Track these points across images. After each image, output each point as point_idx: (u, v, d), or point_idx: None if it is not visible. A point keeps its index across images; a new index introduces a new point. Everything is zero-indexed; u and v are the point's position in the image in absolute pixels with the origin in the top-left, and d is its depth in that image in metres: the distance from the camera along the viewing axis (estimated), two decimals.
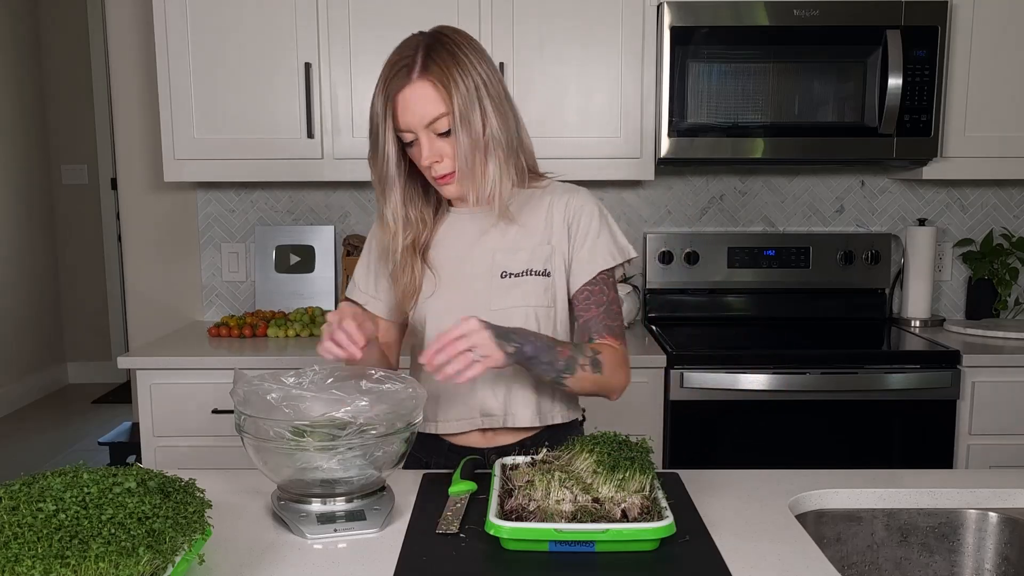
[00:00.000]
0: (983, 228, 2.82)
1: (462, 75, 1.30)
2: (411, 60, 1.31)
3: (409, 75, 1.30)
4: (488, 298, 1.41)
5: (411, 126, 1.32)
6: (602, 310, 1.43)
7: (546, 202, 1.45)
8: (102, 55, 5.11)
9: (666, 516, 1.10)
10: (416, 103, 1.30)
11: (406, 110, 1.31)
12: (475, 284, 1.43)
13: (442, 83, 1.29)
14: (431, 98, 1.30)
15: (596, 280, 1.44)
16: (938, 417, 2.30)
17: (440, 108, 1.30)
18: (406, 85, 1.30)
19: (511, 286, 1.41)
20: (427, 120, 1.31)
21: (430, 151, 1.33)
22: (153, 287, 2.86)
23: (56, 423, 4.75)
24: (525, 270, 1.42)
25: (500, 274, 1.41)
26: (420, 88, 1.30)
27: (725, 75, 2.40)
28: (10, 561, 0.86)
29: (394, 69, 1.31)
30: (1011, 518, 1.32)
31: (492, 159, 1.35)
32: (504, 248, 1.42)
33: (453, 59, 1.31)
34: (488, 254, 1.43)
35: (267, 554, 1.12)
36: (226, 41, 2.44)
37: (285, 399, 1.18)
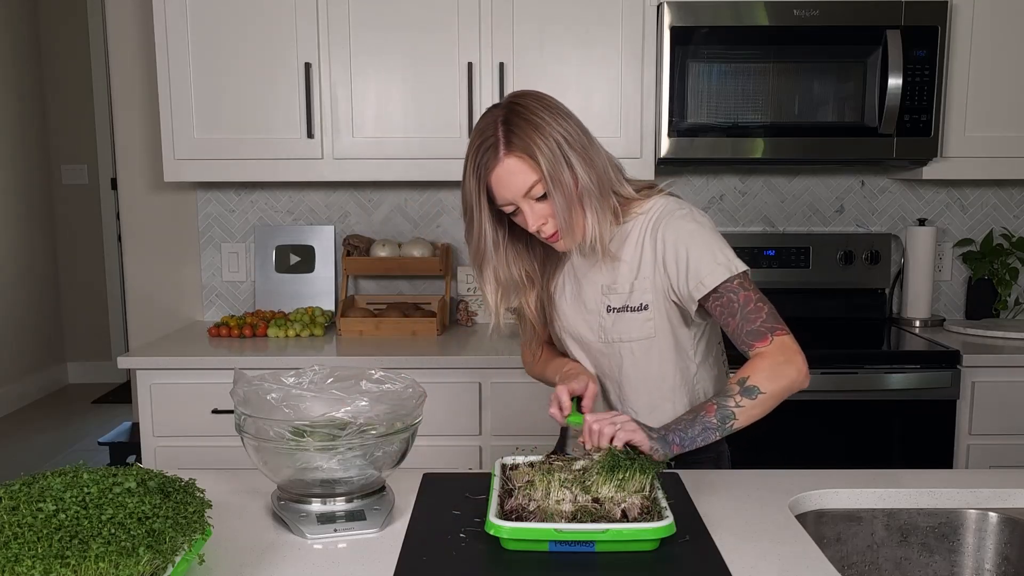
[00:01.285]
0: (983, 228, 2.82)
1: (543, 139, 1.35)
2: (494, 138, 1.36)
3: (496, 154, 1.35)
4: (601, 332, 1.51)
5: (509, 199, 1.38)
6: (739, 318, 1.42)
7: (635, 236, 1.48)
8: (102, 55, 5.11)
9: (666, 516, 1.10)
10: (509, 179, 1.36)
11: (501, 186, 1.37)
12: (590, 319, 1.52)
13: (528, 153, 1.34)
14: (521, 170, 1.35)
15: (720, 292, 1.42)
16: (938, 417, 2.30)
17: (532, 177, 1.35)
18: (496, 165, 1.36)
19: (615, 320, 1.49)
20: (523, 191, 1.36)
21: (534, 216, 1.38)
22: (153, 287, 2.86)
23: (56, 423, 4.75)
24: (623, 306, 1.48)
25: (607, 308, 1.49)
26: (509, 164, 1.35)
27: (725, 75, 2.40)
28: (10, 561, 0.86)
29: (480, 150, 1.37)
30: (1011, 518, 1.32)
31: (588, 208, 1.39)
32: (606, 284, 1.50)
33: (531, 126, 1.35)
34: (595, 289, 1.50)
35: (267, 554, 1.12)
36: (226, 41, 2.44)
37: (285, 399, 1.18)
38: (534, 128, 1.35)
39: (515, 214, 1.41)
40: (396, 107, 2.46)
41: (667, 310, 1.48)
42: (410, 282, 2.84)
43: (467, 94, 2.44)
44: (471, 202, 1.40)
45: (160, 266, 2.85)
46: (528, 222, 1.39)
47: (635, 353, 1.49)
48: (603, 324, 1.50)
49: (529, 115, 1.36)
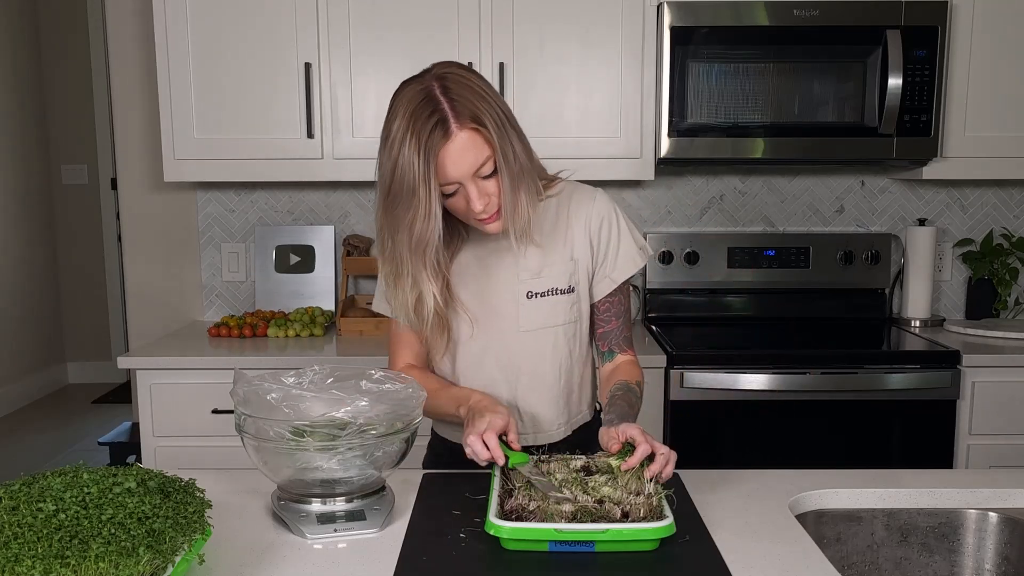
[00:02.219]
0: (983, 228, 2.82)
1: (488, 109, 1.26)
2: (439, 112, 1.24)
3: (447, 129, 1.23)
4: (516, 321, 1.42)
5: (459, 178, 1.27)
6: (621, 321, 1.47)
7: (564, 214, 1.43)
8: (102, 55, 5.11)
9: (666, 516, 1.10)
10: (463, 155, 1.25)
11: (455, 165, 1.25)
12: (504, 309, 1.42)
13: (480, 124, 1.25)
14: (476, 145, 1.25)
15: (617, 290, 1.46)
16: (938, 417, 2.30)
17: (486, 152, 1.26)
18: (447, 140, 1.24)
19: (537, 306, 1.42)
20: (476, 167, 1.26)
21: (480, 196, 1.28)
22: (153, 287, 2.86)
23: (56, 423, 4.75)
24: (550, 289, 1.42)
25: (526, 294, 1.41)
26: (463, 139, 1.24)
27: (725, 75, 2.40)
28: (10, 561, 0.86)
29: (426, 126, 1.23)
30: (1011, 518, 1.32)
31: (523, 187, 1.31)
32: (527, 268, 1.42)
33: (474, 95, 1.26)
34: (511, 275, 1.42)
35: (267, 554, 1.12)
36: (226, 41, 2.44)
37: (285, 399, 1.18)
38: (477, 97, 1.25)
39: (452, 195, 1.30)
40: None
41: (586, 293, 1.46)
42: None
43: None
44: (414, 184, 1.24)
45: (160, 266, 2.85)
46: (474, 201, 1.27)
47: (556, 341, 1.42)
48: (521, 312, 1.41)
49: (467, 82, 1.27)
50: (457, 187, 1.28)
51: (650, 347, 2.38)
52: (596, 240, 1.44)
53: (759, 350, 2.39)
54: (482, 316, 1.43)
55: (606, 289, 1.46)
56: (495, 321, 1.43)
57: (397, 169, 1.25)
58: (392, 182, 1.27)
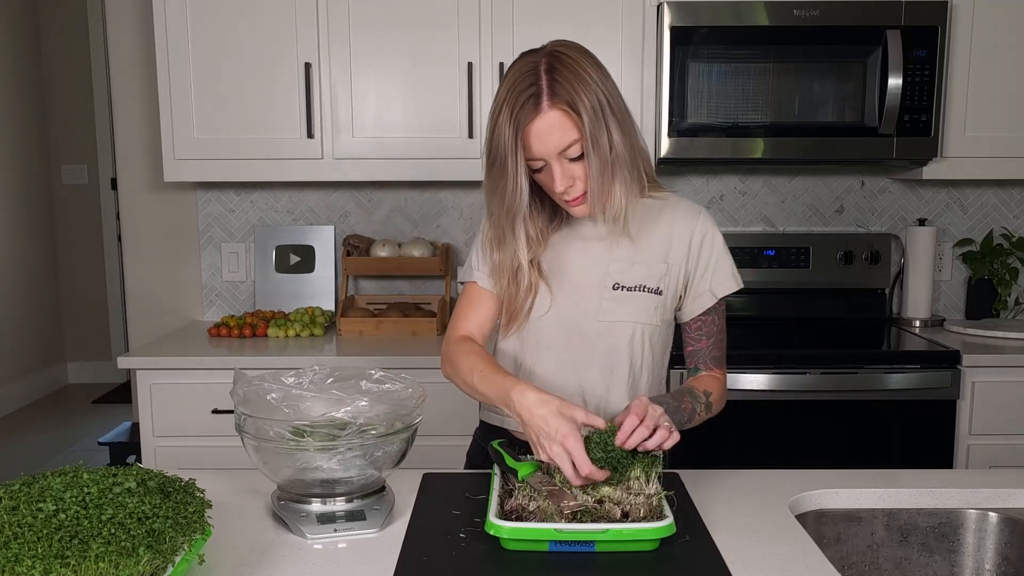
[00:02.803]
0: (983, 228, 2.82)
1: (588, 95, 1.26)
2: (536, 87, 1.26)
3: (538, 105, 1.25)
4: (598, 309, 1.41)
5: (544, 155, 1.29)
6: (712, 341, 1.46)
7: (667, 218, 1.43)
8: (102, 55, 5.11)
9: (666, 516, 1.10)
10: (549, 134, 1.26)
11: (540, 141, 1.27)
12: (588, 294, 1.41)
13: (573, 109, 1.25)
14: (564, 126, 1.26)
15: (711, 309, 1.45)
16: (938, 417, 2.30)
17: (573, 135, 1.27)
18: (536, 116, 1.26)
19: (622, 299, 1.40)
20: (560, 148, 1.28)
21: (564, 176, 1.29)
22: (153, 287, 2.86)
23: (56, 423, 4.75)
24: (638, 285, 1.41)
25: (612, 285, 1.40)
26: (552, 118, 1.26)
27: (725, 75, 2.40)
28: (10, 561, 0.86)
29: (519, 97, 1.26)
30: (1011, 518, 1.32)
31: (618, 177, 1.31)
32: (619, 259, 1.41)
33: (577, 78, 1.27)
34: (602, 264, 1.41)
35: (267, 554, 1.12)
36: (226, 41, 2.44)
37: (285, 399, 1.18)
38: (580, 81, 1.26)
39: (539, 171, 1.32)
40: (396, 107, 2.46)
41: (673, 302, 1.45)
42: (410, 282, 2.84)
43: (467, 94, 2.44)
44: (504, 152, 1.28)
45: (160, 266, 2.85)
46: (556, 181, 1.30)
47: (633, 339, 1.41)
48: (604, 303, 1.40)
49: (575, 66, 1.27)
50: (544, 163, 1.30)
51: None
52: (697, 252, 1.43)
53: (759, 350, 2.39)
54: (563, 296, 1.42)
55: (705, 304, 1.44)
56: (576, 304, 1.41)
57: (494, 136, 1.30)
58: (490, 148, 1.31)
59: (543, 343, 1.44)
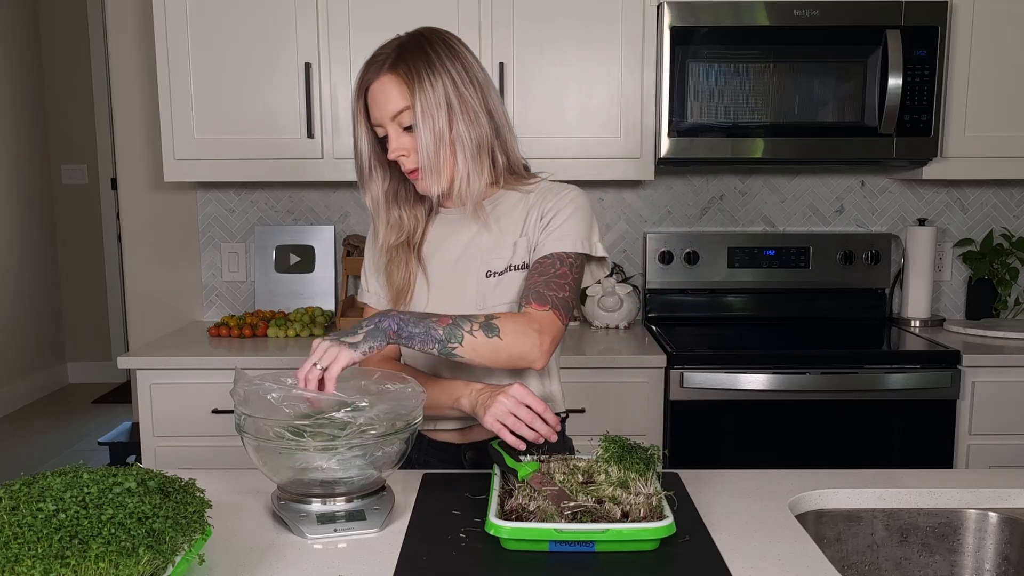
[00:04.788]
0: (983, 228, 2.82)
1: (429, 73, 1.34)
2: (385, 56, 1.36)
3: (380, 70, 1.35)
4: (475, 298, 1.43)
5: (378, 119, 1.36)
6: (544, 279, 1.37)
7: (529, 200, 1.45)
8: (102, 55, 5.11)
9: (666, 516, 1.10)
10: (381, 95, 1.35)
11: (374, 103, 1.36)
12: (466, 285, 1.44)
13: (406, 77, 1.34)
14: (395, 91, 1.34)
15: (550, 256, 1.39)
16: (938, 417, 2.30)
17: (402, 102, 1.34)
18: (375, 79, 1.35)
19: (496, 284, 1.43)
20: (391, 113, 1.35)
21: (396, 144, 1.36)
22: (153, 287, 2.86)
23: (56, 423, 4.75)
24: (508, 267, 1.43)
25: (486, 274, 1.43)
26: (386, 82, 1.35)
27: (725, 75, 2.40)
28: (10, 561, 0.86)
29: (370, 65, 1.37)
30: (1011, 518, 1.32)
31: (460, 158, 1.37)
32: (489, 246, 1.44)
33: (423, 56, 1.35)
34: (476, 254, 1.44)
35: (267, 554, 1.12)
36: (226, 41, 2.44)
37: (285, 399, 1.18)
38: (425, 59, 1.35)
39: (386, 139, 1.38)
40: None
41: None
42: None
43: None
44: (353, 116, 1.40)
45: (160, 266, 2.85)
46: (390, 147, 1.37)
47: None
48: (482, 291, 1.43)
49: (427, 46, 1.36)
50: (385, 131, 1.37)
51: (650, 347, 2.38)
52: (550, 216, 1.41)
53: (759, 350, 2.39)
54: (440, 287, 1.45)
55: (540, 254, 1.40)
56: (455, 298, 1.43)
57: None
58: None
59: None
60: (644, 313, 2.79)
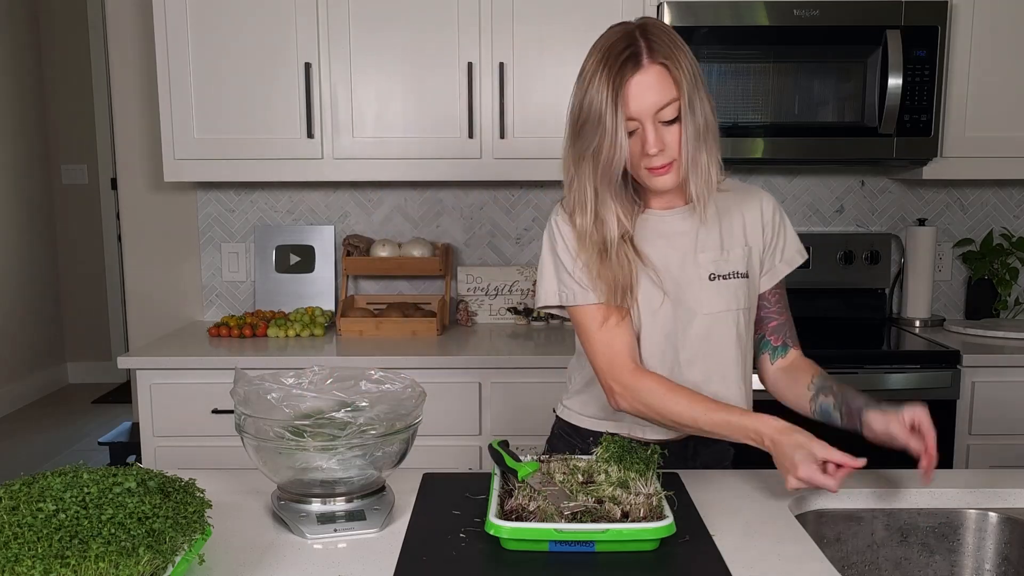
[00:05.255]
0: (983, 228, 2.82)
1: (684, 59, 1.28)
2: (635, 47, 1.27)
3: (638, 62, 1.26)
4: (701, 303, 1.39)
5: (640, 113, 1.27)
6: (788, 314, 1.50)
7: (734, 201, 1.44)
8: (102, 55, 5.11)
9: (666, 516, 1.10)
10: (649, 89, 1.26)
11: (639, 96, 1.26)
12: (689, 288, 1.39)
13: (673, 66, 1.27)
14: (664, 83, 1.27)
15: (782, 282, 1.49)
16: (938, 417, 2.26)
17: (672, 93, 1.27)
18: (637, 71, 1.26)
19: (720, 289, 1.40)
20: (659, 105, 1.27)
21: (656, 139, 1.28)
22: (153, 287, 2.86)
23: (56, 423, 4.74)
24: (731, 272, 1.41)
25: (708, 276, 1.40)
26: (652, 73, 1.26)
27: (725, 75, 2.40)
28: (10, 561, 0.86)
29: (619, 58, 1.27)
30: (1011, 518, 1.32)
31: (710, 149, 1.32)
32: (708, 249, 1.40)
33: (673, 43, 1.29)
34: (691, 256, 1.40)
35: (267, 554, 1.12)
36: (226, 41, 2.44)
37: (285, 399, 1.18)
38: (676, 46, 1.28)
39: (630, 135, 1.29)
40: (396, 107, 2.46)
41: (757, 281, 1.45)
42: (410, 282, 2.84)
43: (467, 94, 2.44)
44: (601, 111, 1.26)
45: (160, 266, 2.85)
46: (649, 143, 1.27)
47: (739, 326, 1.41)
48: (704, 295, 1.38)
49: (670, 33, 1.30)
50: (636, 126, 1.29)
51: None
52: (770, 228, 1.45)
53: None
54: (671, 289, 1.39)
55: (780, 275, 1.47)
56: (678, 301, 1.39)
57: (586, 99, 1.29)
58: (580, 113, 1.30)
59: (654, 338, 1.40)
60: None
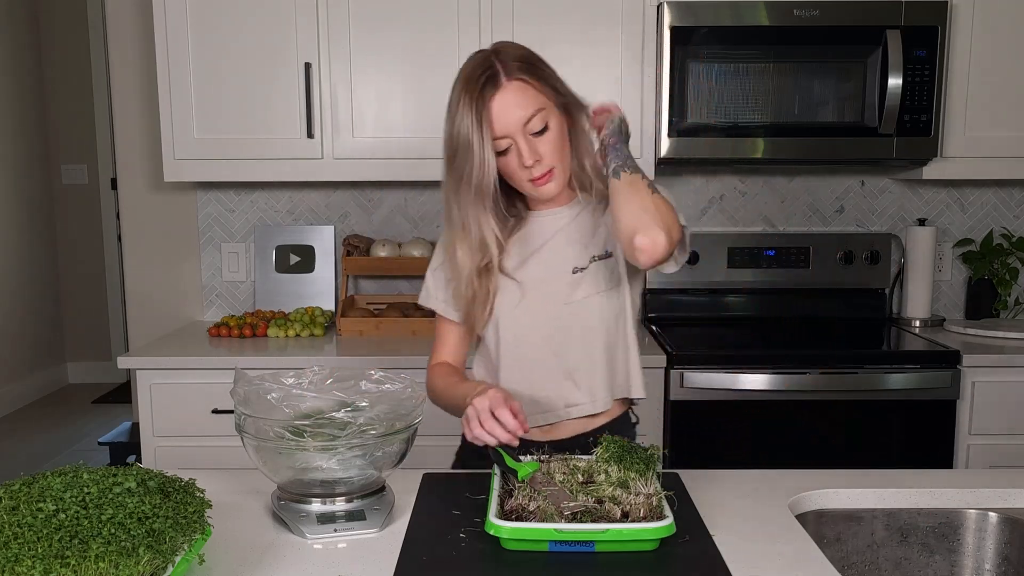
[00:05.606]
0: (983, 228, 2.82)
1: (542, 69, 1.35)
2: (492, 69, 1.32)
3: (496, 81, 1.31)
4: (562, 296, 1.44)
5: (508, 130, 1.32)
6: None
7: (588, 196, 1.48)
8: (102, 55, 5.11)
9: (666, 516, 1.10)
10: (511, 104, 1.31)
11: (504, 115, 1.31)
12: (551, 286, 1.45)
13: (531, 78, 1.32)
14: (526, 96, 1.32)
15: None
16: (938, 417, 2.30)
17: (535, 104, 1.32)
18: (497, 91, 1.31)
19: (580, 279, 1.44)
20: (525, 119, 1.32)
21: (530, 152, 1.33)
22: (153, 287, 2.86)
23: (56, 423, 4.75)
24: (591, 257, 1.44)
25: (572, 270, 1.44)
26: (512, 89, 1.32)
27: (725, 75, 2.40)
28: (10, 561, 0.86)
29: (478, 82, 1.31)
30: (1011, 518, 1.32)
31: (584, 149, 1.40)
32: (571, 243, 1.45)
33: (527, 58, 1.35)
34: (558, 253, 1.45)
35: (267, 554, 1.12)
36: (226, 41, 2.44)
37: (285, 399, 1.18)
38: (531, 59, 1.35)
39: (503, 154, 1.34)
40: (396, 107, 2.46)
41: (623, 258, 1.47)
42: (410, 282, 2.84)
43: None
44: (468, 137, 1.31)
45: (160, 266, 2.85)
46: (524, 155, 1.33)
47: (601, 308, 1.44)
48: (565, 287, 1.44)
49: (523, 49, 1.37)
50: (509, 143, 1.33)
51: (650, 347, 2.38)
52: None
53: (759, 350, 2.39)
54: (532, 287, 1.45)
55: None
56: (541, 295, 1.44)
57: (454, 130, 1.33)
58: (451, 144, 1.34)
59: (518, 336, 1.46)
60: (644, 313, 2.79)
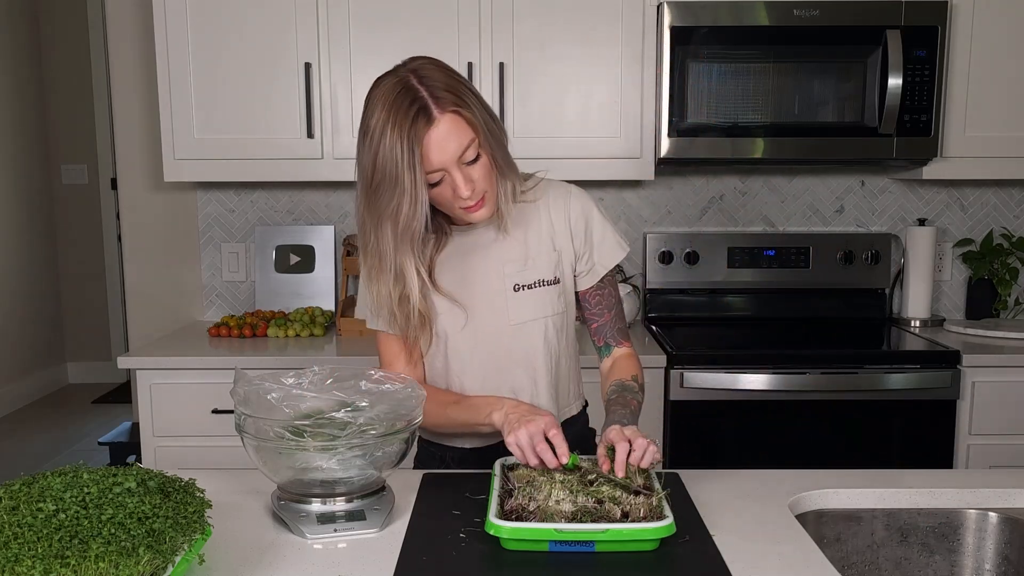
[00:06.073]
0: (983, 228, 2.82)
1: (468, 95, 1.28)
2: (420, 100, 1.24)
3: (430, 116, 1.24)
4: (507, 314, 1.43)
5: (444, 164, 1.27)
6: (613, 314, 1.49)
7: (542, 206, 1.45)
8: (102, 55, 5.11)
9: (666, 516, 1.10)
10: (447, 139, 1.25)
11: (440, 150, 1.26)
12: (493, 302, 1.43)
13: (463, 108, 1.26)
14: (460, 128, 1.26)
15: (604, 282, 1.48)
16: (938, 417, 2.30)
17: (468, 135, 1.27)
18: (431, 127, 1.24)
19: (525, 298, 1.42)
20: (460, 152, 1.27)
21: (465, 182, 1.28)
22: (153, 287, 2.86)
23: (56, 423, 4.75)
24: (536, 280, 1.43)
25: (513, 287, 1.42)
26: (446, 123, 1.25)
27: (725, 75, 2.40)
28: (10, 561, 0.86)
29: (408, 115, 1.23)
30: (1011, 518, 1.32)
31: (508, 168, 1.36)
32: (512, 260, 1.43)
33: (453, 82, 1.28)
34: (497, 268, 1.43)
35: (267, 554, 1.12)
36: (226, 41, 2.44)
37: (285, 399, 1.18)
38: (457, 84, 1.27)
39: (436, 186, 1.29)
40: None
41: (571, 284, 1.48)
42: None
43: None
44: (397, 172, 1.24)
45: (160, 266, 2.85)
46: (460, 188, 1.28)
47: (547, 333, 1.44)
48: (510, 305, 1.42)
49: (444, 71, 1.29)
50: (442, 175, 1.28)
51: (650, 347, 2.38)
52: (576, 231, 1.46)
53: (759, 350, 2.39)
54: (473, 308, 1.43)
55: (593, 280, 1.48)
56: (486, 314, 1.43)
57: (379, 160, 1.25)
58: (374, 174, 1.27)
59: (465, 358, 1.45)
60: (644, 313, 2.79)
